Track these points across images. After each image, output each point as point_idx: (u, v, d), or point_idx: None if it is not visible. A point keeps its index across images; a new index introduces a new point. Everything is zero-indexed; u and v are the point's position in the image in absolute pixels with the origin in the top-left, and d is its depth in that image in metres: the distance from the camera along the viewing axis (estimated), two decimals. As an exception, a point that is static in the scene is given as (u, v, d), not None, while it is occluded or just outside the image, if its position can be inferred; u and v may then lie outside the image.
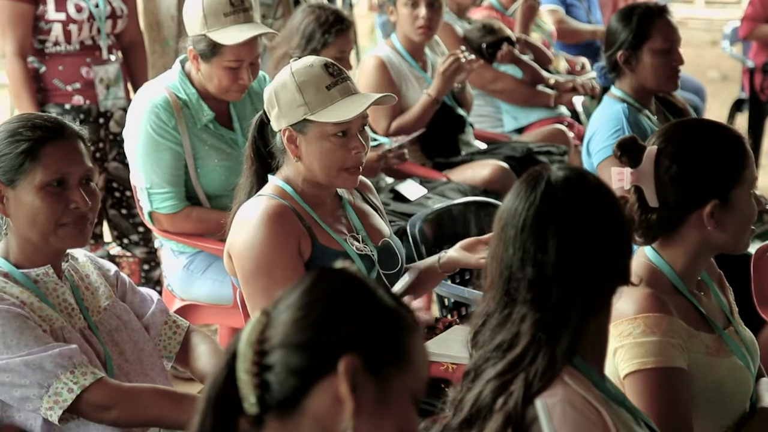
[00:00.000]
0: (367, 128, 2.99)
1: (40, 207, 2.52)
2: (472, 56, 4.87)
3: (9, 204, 2.55)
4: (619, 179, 2.43)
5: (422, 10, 4.86)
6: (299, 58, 3.00)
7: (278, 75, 2.97)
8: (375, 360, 1.56)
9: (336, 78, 2.92)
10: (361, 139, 2.93)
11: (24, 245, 2.58)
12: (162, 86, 3.84)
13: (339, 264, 1.65)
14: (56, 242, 2.56)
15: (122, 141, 3.97)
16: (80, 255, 2.71)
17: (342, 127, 2.90)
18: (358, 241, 3.01)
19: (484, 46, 5.54)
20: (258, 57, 3.81)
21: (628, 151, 2.46)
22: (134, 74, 4.68)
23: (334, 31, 4.41)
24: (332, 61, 3.00)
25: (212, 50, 3.73)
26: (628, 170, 2.44)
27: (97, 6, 4.47)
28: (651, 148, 2.45)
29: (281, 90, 2.93)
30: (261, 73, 4.02)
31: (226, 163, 3.83)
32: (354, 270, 1.64)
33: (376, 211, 3.16)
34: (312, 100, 2.89)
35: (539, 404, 1.90)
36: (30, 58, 4.45)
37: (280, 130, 2.94)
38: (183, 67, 3.86)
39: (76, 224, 2.56)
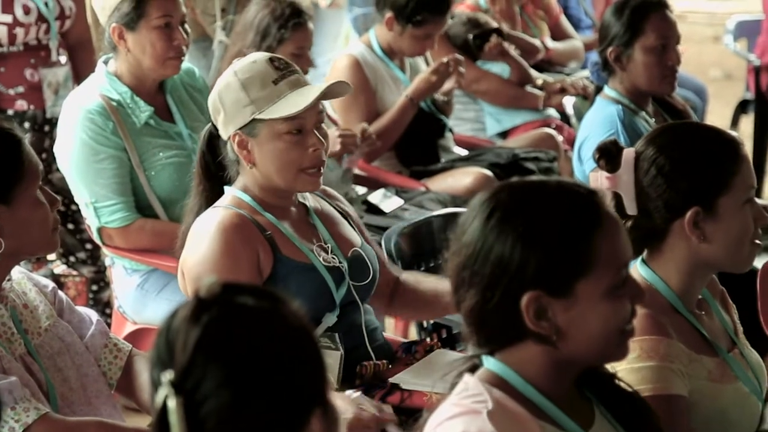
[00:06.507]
0: (324, 125, 2.98)
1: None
2: (459, 57, 4.88)
3: None
4: (594, 185, 2.43)
5: (431, 44, 4.96)
6: None
7: (221, 78, 2.97)
8: None
9: (283, 71, 2.91)
10: (318, 135, 2.92)
11: None
12: (92, 90, 3.84)
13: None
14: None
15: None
16: (14, 271, 2.69)
17: (295, 124, 2.88)
18: (327, 252, 3.00)
19: (470, 37, 5.54)
20: (185, 16, 3.86)
21: (606, 155, 2.46)
22: (82, 75, 4.64)
23: (290, 25, 4.39)
24: (278, 55, 3.00)
25: (137, 11, 3.76)
26: (603, 175, 2.45)
27: (46, 5, 4.45)
28: (628, 151, 2.45)
29: (225, 92, 2.92)
30: (190, 66, 4.08)
31: (174, 159, 3.83)
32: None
33: (346, 218, 3.16)
34: (258, 97, 2.88)
35: None
36: (-33, 60, 4.43)
37: (229, 138, 2.93)
38: (107, 67, 3.87)
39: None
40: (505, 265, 1.90)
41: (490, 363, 1.97)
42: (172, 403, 1.53)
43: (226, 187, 3.00)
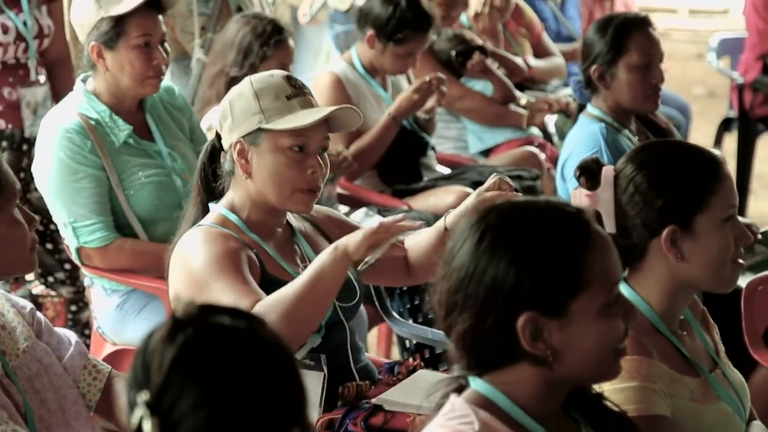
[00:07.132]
0: (326, 154, 2.99)
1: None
2: (441, 75, 4.90)
3: None
4: (575, 203, 2.44)
5: (412, 62, 4.99)
6: (237, 75, 3.01)
7: (235, 87, 2.97)
8: None
9: (298, 90, 2.93)
10: (319, 159, 2.93)
11: None
12: (70, 109, 3.83)
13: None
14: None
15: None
16: None
17: (299, 140, 2.89)
18: None
19: (453, 54, 5.56)
20: (165, 35, 3.85)
21: (587, 173, 2.47)
22: (60, 93, 4.64)
23: (272, 42, 4.39)
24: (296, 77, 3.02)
25: (116, 30, 3.75)
26: (583, 192, 2.46)
27: (25, 24, 4.45)
28: (607, 169, 2.46)
29: (237, 99, 2.93)
30: (170, 84, 4.07)
31: (154, 179, 3.82)
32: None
33: (329, 240, 3.15)
34: (269, 107, 2.89)
35: None
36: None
37: (230, 145, 2.93)
38: (85, 85, 3.86)
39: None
40: (499, 287, 1.90)
41: (477, 384, 1.96)
42: (148, 425, 1.52)
43: (211, 205, 3.00)
